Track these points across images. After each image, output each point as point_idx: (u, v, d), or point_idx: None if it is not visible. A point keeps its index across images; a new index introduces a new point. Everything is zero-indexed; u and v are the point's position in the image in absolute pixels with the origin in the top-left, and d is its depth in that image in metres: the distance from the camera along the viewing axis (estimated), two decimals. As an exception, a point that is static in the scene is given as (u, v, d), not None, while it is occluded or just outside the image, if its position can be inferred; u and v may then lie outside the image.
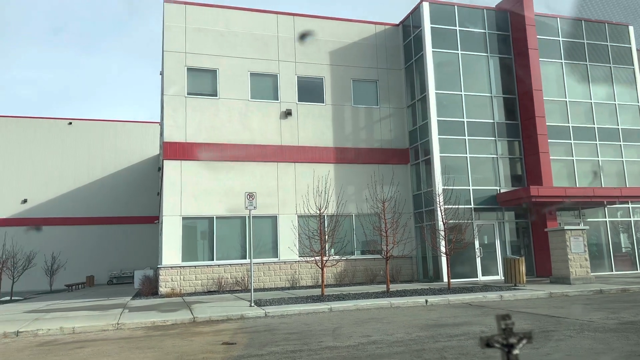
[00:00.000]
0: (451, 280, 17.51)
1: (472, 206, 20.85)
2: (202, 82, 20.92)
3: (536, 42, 22.12)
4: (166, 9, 20.65)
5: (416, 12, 22.47)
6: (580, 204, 21.61)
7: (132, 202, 35.93)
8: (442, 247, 17.49)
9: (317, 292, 16.37)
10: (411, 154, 22.78)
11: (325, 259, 15.81)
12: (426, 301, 13.51)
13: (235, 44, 21.27)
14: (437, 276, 20.28)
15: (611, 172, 23.20)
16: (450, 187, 18.96)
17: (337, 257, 18.26)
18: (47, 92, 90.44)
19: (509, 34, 22.97)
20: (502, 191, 21.30)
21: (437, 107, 21.18)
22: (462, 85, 21.82)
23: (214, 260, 19.53)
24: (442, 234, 17.61)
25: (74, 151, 35.95)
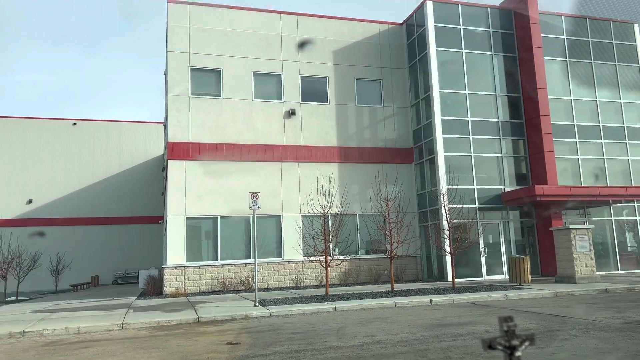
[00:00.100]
0: (456, 279, 17.46)
1: (477, 205, 20.79)
2: (206, 82, 20.95)
3: (540, 41, 22.03)
4: (170, 9, 20.69)
5: (420, 11, 22.43)
6: (585, 202, 21.52)
7: (137, 202, 36.06)
8: (447, 246, 17.45)
9: (322, 291, 16.36)
10: (415, 153, 22.73)
11: (329, 258, 15.80)
12: (431, 301, 13.49)
13: (238, 44, 21.28)
14: (442, 276, 20.24)
15: (616, 170, 23.10)
16: (454, 186, 18.90)
17: (341, 257, 18.25)
18: (51, 93, 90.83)
19: (513, 33, 22.89)
20: (507, 190, 21.24)
21: (441, 106, 21.13)
22: (466, 84, 21.76)
23: (218, 260, 19.56)
24: (446, 233, 17.57)
25: (79, 151, 36.10)
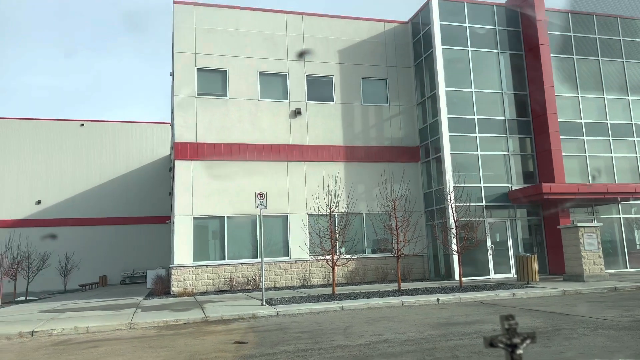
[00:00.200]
0: (463, 278, 17.43)
1: (484, 204, 20.72)
2: (212, 83, 21.02)
3: (547, 38, 21.92)
4: (176, 10, 20.77)
5: (425, 9, 22.37)
6: (593, 200, 21.39)
7: (144, 202, 36.23)
8: (454, 245, 17.41)
9: (328, 291, 16.38)
10: (421, 151, 22.69)
11: (336, 257, 15.82)
12: (438, 300, 13.47)
13: (244, 44, 21.33)
14: (449, 274, 20.20)
15: (625, 168, 22.95)
16: (461, 184, 18.86)
17: (348, 256, 18.27)
18: (59, 95, 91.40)
19: (520, 30, 22.77)
20: (514, 188, 21.15)
21: (448, 105, 21.08)
22: (472, 82, 21.69)
23: (225, 259, 19.63)
24: (453, 232, 17.54)
25: (87, 152, 36.33)
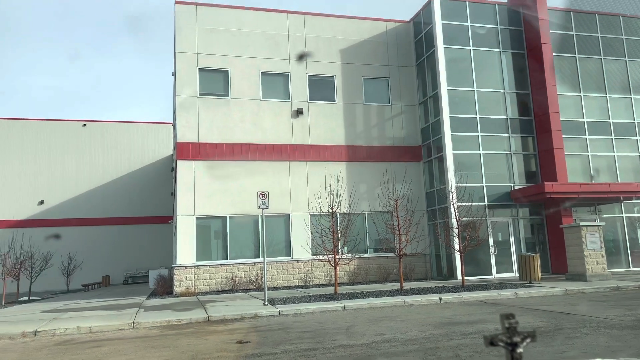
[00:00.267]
0: (465, 277, 17.41)
1: (486, 203, 20.70)
2: (214, 83, 21.03)
3: (549, 37, 21.87)
4: (177, 10, 20.79)
5: (427, 8, 22.35)
6: (596, 200, 21.35)
7: (147, 202, 36.28)
8: (456, 244, 17.40)
9: (331, 290, 16.38)
10: (423, 151, 22.67)
11: (338, 257, 15.82)
12: (440, 299, 13.46)
13: (246, 44, 21.34)
14: (451, 274, 20.18)
15: (627, 167, 22.88)
16: (463, 184, 18.85)
17: (350, 256, 18.27)
18: (60, 95, 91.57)
19: (522, 29, 22.73)
20: (516, 188, 21.12)
21: (450, 104, 21.05)
22: (474, 81, 21.66)
23: (227, 259, 19.65)
24: (455, 231, 17.53)
25: (89, 152, 36.40)
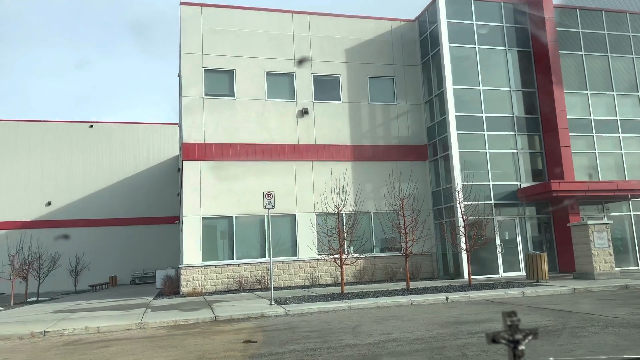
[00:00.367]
0: (472, 277, 17.36)
1: (493, 202, 20.62)
2: (219, 83, 21.09)
3: (555, 34, 21.75)
4: (182, 11, 20.86)
5: (432, 7, 22.29)
6: (603, 198, 21.22)
7: (153, 202, 36.42)
8: (463, 243, 17.35)
9: (337, 290, 16.38)
10: (429, 150, 22.62)
11: (344, 257, 15.82)
12: (447, 298, 13.43)
13: (251, 44, 21.38)
14: (458, 273, 20.13)
15: (635, 164, 22.72)
16: (469, 183, 18.79)
17: (356, 255, 18.26)
18: (67, 97, 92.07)
19: (527, 27, 22.61)
20: (523, 186, 21.03)
21: (455, 103, 20.98)
22: (480, 79, 21.58)
23: (234, 259, 19.70)
24: (462, 230, 17.48)
25: (96, 153, 36.61)
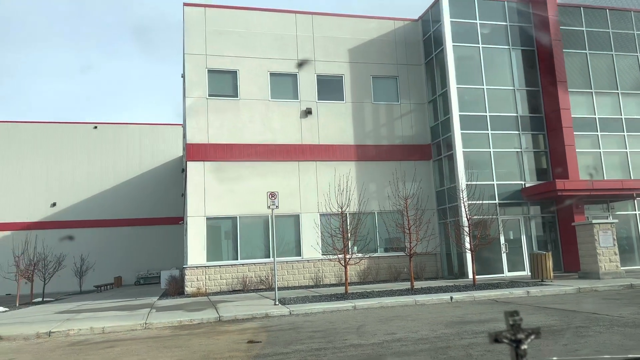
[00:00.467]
0: (476, 276, 17.33)
1: (497, 201, 20.57)
2: (223, 84, 21.12)
3: (559, 33, 21.68)
4: (186, 12, 20.90)
5: (435, 6, 22.25)
6: (608, 197, 21.13)
7: (158, 203, 36.50)
8: (467, 243, 17.33)
9: (341, 290, 16.37)
10: (433, 149, 22.58)
11: (348, 257, 15.82)
12: (451, 298, 13.41)
13: (254, 45, 21.40)
14: (462, 273, 20.08)
15: (640, 163, 22.64)
16: (473, 182, 18.75)
17: (360, 255, 18.25)
18: (71, 98, 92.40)
19: (531, 26, 22.55)
20: (527, 185, 20.96)
21: (459, 102, 20.94)
22: (483, 79, 21.53)
23: (238, 259, 19.72)
24: (466, 230, 17.45)
25: (100, 155, 36.73)
